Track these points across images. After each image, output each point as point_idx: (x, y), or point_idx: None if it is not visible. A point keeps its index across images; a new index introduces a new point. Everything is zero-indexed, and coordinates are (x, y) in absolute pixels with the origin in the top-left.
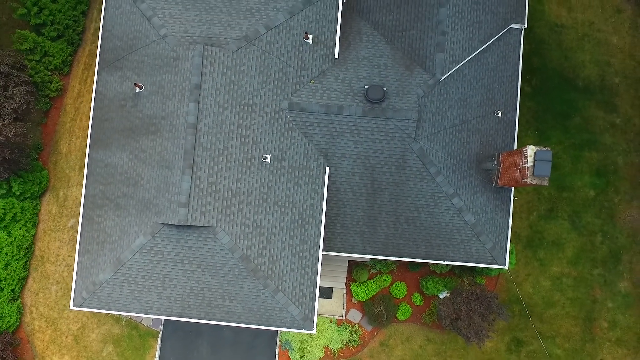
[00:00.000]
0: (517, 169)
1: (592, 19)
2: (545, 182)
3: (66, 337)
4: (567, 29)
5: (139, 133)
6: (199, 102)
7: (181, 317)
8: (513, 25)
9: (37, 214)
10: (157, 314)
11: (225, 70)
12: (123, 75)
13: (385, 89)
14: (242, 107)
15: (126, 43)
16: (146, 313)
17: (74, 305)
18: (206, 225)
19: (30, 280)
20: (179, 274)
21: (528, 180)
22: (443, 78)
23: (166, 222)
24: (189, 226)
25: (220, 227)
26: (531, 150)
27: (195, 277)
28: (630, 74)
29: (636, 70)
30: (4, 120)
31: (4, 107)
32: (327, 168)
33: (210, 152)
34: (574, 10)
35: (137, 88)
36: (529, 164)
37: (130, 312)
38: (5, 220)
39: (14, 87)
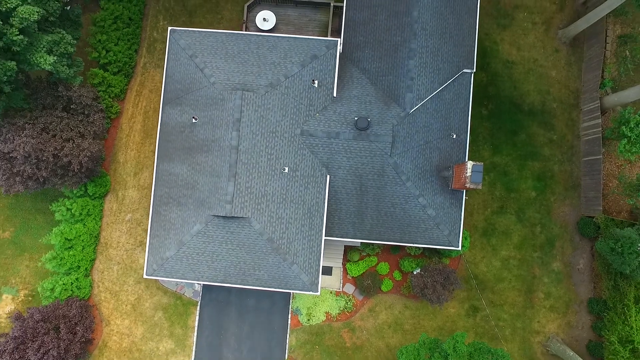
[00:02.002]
0: (462, 177)
1: (536, 56)
2: (479, 187)
3: (126, 306)
4: (516, 64)
5: (195, 151)
6: (239, 131)
7: (224, 283)
8: (465, 70)
9: (102, 210)
10: (206, 281)
11: (256, 108)
12: (182, 110)
13: (369, 119)
14: (268, 134)
15: (184, 86)
16: (199, 280)
17: (146, 274)
18: (244, 216)
19: (97, 262)
20: (223, 251)
21: (468, 185)
22: (412, 111)
23: (216, 214)
24: (232, 217)
25: (253, 217)
26: (469, 164)
27: (235, 254)
28: (565, 100)
29: (570, 97)
30: (87, 139)
31: (88, 130)
32: (328, 176)
33: (247, 166)
34: (522, 50)
35: (193, 119)
36: (468, 173)
37: (187, 279)
38: (82, 214)
39: (94, 114)
